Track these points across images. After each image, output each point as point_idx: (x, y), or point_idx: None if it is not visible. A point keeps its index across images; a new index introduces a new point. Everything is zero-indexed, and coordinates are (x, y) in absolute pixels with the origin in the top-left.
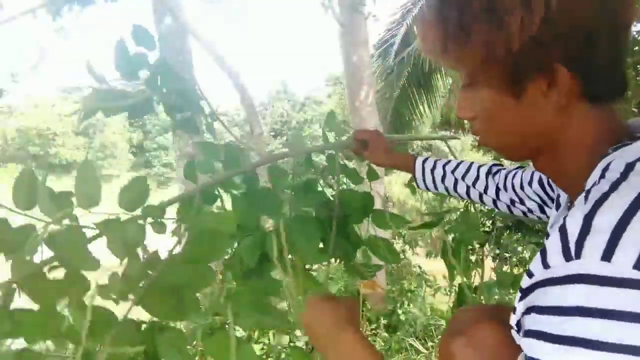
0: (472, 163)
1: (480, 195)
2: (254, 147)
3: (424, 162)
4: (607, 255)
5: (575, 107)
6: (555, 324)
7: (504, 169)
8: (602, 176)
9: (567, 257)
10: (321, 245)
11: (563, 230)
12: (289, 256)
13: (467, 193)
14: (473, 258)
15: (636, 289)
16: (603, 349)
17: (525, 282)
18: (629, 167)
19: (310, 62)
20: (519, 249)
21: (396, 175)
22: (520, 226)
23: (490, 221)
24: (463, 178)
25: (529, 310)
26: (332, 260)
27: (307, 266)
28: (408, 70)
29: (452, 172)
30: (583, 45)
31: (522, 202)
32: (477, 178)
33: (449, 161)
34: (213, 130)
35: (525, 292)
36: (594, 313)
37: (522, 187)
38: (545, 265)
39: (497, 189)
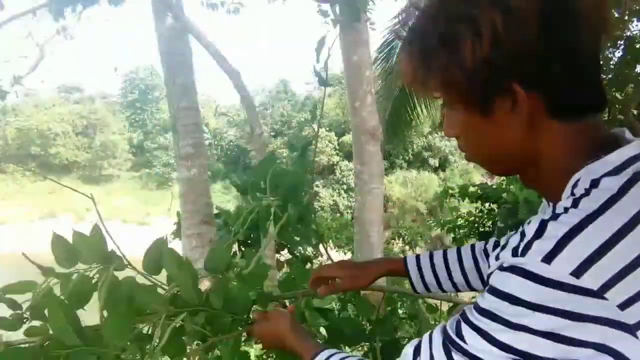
0: (473, 245)
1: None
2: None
3: (417, 261)
4: (547, 259)
5: (544, 124)
6: (490, 302)
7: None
8: (572, 193)
9: (514, 253)
10: None
11: (522, 233)
12: None
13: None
14: None
15: (567, 292)
16: (513, 327)
17: (492, 263)
18: (594, 183)
19: (310, 62)
20: None
21: (395, 175)
22: (519, 226)
23: (491, 222)
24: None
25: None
26: None
27: None
28: None
29: (459, 261)
30: (535, 66)
31: None
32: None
33: (445, 253)
34: None
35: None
36: (518, 302)
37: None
38: (497, 258)
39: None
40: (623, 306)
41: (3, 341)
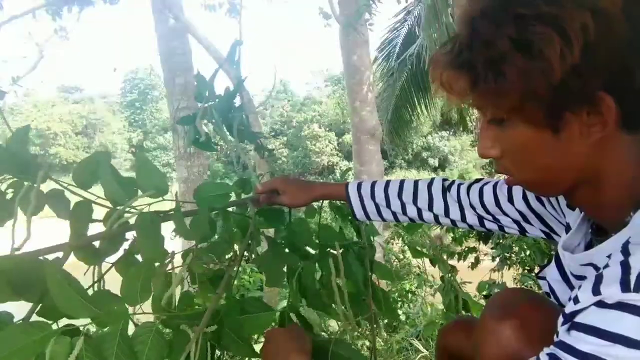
0: (416, 182)
1: (436, 217)
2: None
3: (358, 188)
4: None
5: (613, 138)
6: (594, 345)
7: (455, 182)
8: None
9: (625, 288)
10: None
11: (625, 265)
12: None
13: (420, 216)
14: (472, 257)
15: None
16: None
17: (570, 307)
18: None
19: (310, 62)
20: (518, 249)
21: (395, 175)
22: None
23: None
24: (414, 202)
25: (569, 326)
26: None
27: None
28: (408, 71)
29: (398, 195)
30: (621, 73)
31: (495, 218)
32: (431, 199)
33: (388, 182)
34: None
35: (569, 317)
36: (636, 345)
37: (497, 204)
38: (596, 292)
39: (461, 208)
40: None
41: None
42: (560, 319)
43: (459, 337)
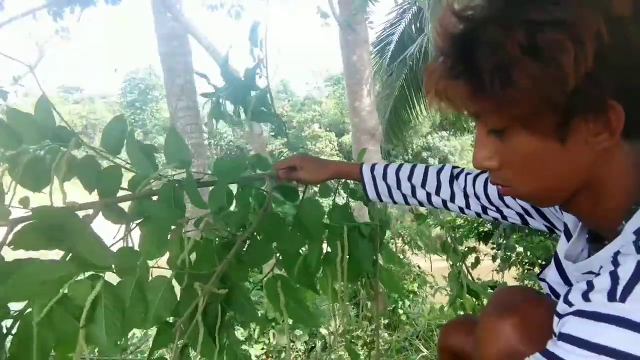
0: (427, 167)
1: (444, 202)
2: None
3: (372, 169)
4: None
5: (616, 146)
6: (581, 357)
7: (463, 171)
8: None
9: (611, 297)
10: None
11: (614, 275)
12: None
13: (429, 200)
14: (473, 257)
15: None
16: None
17: (562, 308)
18: None
19: (310, 62)
20: (520, 249)
21: None
22: (520, 226)
23: (490, 222)
24: (423, 186)
25: (559, 335)
26: None
27: None
28: (407, 71)
29: (409, 179)
30: (631, 80)
31: (498, 209)
32: (439, 185)
33: (400, 166)
34: None
35: (561, 317)
36: (626, 358)
37: (501, 197)
38: (586, 299)
39: (466, 196)
40: None
41: None
42: (556, 319)
43: (460, 336)
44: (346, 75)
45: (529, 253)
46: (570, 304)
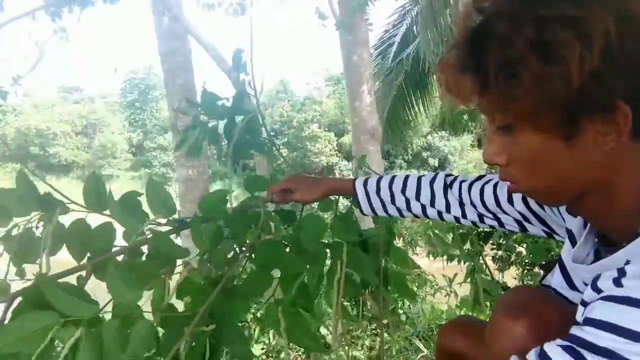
0: (419, 178)
1: (440, 214)
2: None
3: (365, 184)
4: None
5: (625, 147)
6: (610, 341)
7: (457, 179)
8: None
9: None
10: None
11: None
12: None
13: (424, 212)
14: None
15: None
16: None
17: (590, 296)
18: None
19: (310, 62)
20: (520, 249)
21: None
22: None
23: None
24: (417, 198)
25: (585, 320)
26: None
27: None
28: (405, 70)
29: (402, 191)
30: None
31: (495, 217)
32: (433, 196)
33: (393, 178)
34: None
35: (587, 305)
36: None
37: (498, 204)
38: (618, 284)
39: (462, 205)
40: None
41: None
42: (581, 309)
43: (459, 337)
44: (346, 75)
45: (528, 253)
46: (599, 291)
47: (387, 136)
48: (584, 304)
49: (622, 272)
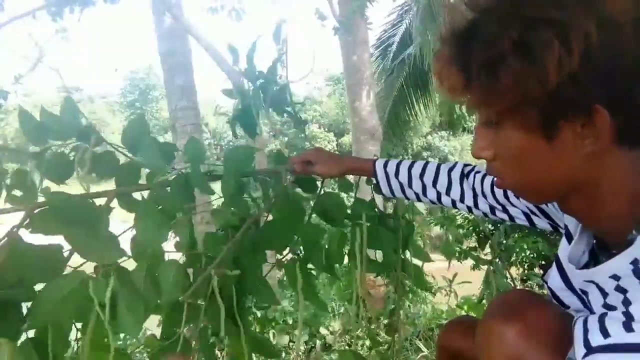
0: (439, 165)
1: (454, 202)
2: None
3: (385, 165)
4: None
5: (611, 151)
6: None
7: (474, 169)
8: None
9: None
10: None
11: None
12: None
13: (439, 199)
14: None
15: None
16: None
17: (597, 340)
18: None
19: (310, 62)
20: (519, 249)
21: None
22: (520, 226)
23: (491, 224)
24: (434, 184)
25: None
26: None
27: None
28: (406, 71)
29: (421, 177)
30: (623, 85)
31: (504, 209)
32: (450, 184)
33: (413, 163)
34: None
35: (594, 350)
36: None
37: (506, 197)
38: (629, 329)
39: (475, 195)
40: None
41: None
42: (583, 351)
43: (459, 337)
44: (346, 76)
45: (527, 253)
46: (607, 335)
47: (388, 136)
48: (589, 348)
49: (629, 316)
